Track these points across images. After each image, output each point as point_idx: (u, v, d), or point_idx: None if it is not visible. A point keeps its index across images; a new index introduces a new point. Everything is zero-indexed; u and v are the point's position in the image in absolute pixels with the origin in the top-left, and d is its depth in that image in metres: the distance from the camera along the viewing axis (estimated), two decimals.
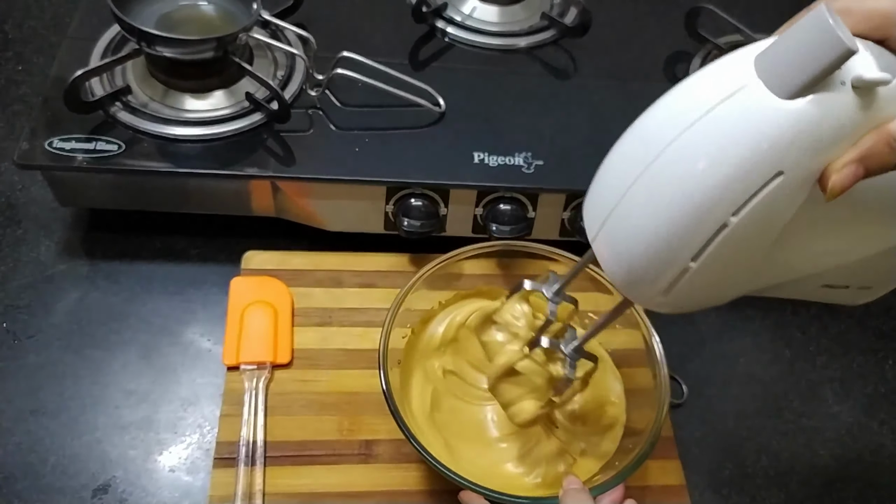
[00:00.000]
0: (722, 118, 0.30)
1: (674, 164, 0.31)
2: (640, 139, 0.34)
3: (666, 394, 0.50)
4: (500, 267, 0.58)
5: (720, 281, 0.34)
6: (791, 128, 0.29)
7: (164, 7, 0.64)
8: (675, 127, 0.31)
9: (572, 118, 0.66)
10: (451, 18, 0.73)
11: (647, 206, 0.32)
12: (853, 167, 0.30)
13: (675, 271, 0.33)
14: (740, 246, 0.32)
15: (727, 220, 0.31)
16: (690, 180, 0.31)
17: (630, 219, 0.33)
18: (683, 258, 0.32)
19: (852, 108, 0.29)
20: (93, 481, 0.52)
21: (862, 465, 0.58)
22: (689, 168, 0.31)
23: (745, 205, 0.30)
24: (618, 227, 0.34)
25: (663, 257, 0.33)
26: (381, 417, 0.54)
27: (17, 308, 0.59)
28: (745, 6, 0.78)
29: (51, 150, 0.58)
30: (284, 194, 0.61)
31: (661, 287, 0.34)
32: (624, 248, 0.34)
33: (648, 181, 0.32)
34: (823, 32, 0.28)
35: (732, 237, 0.31)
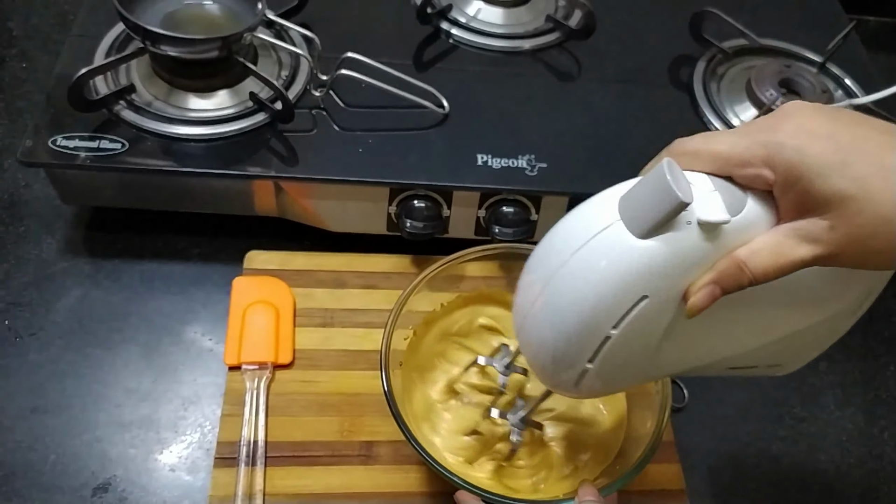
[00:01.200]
0: (593, 252, 0.35)
1: (562, 286, 0.37)
2: (540, 260, 0.39)
3: (667, 398, 0.50)
4: (502, 269, 0.58)
5: (619, 377, 0.40)
6: (647, 261, 0.34)
7: (169, 6, 0.64)
8: (562, 253, 0.37)
9: (576, 121, 0.66)
10: (456, 20, 0.73)
11: (549, 319, 0.38)
12: (709, 289, 0.34)
13: (577, 371, 0.38)
14: (626, 351, 0.37)
15: (609, 333, 0.36)
16: (576, 300, 0.36)
17: (535, 330, 0.39)
18: (582, 361, 0.38)
19: (699, 242, 0.34)
20: (93, 480, 0.52)
21: (862, 472, 0.58)
22: (574, 290, 0.36)
23: (620, 321, 0.35)
24: (528, 336, 0.40)
25: (567, 360, 0.38)
26: (381, 419, 0.54)
27: (19, 305, 0.60)
28: (750, 10, 0.78)
29: (54, 148, 0.58)
30: (287, 194, 0.61)
31: (570, 383, 0.39)
32: (536, 351, 0.40)
33: (545, 300, 0.38)
34: (663, 187, 0.33)
35: (617, 345, 0.36)
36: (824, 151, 0.32)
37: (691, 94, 0.70)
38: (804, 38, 0.76)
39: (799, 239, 0.33)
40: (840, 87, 0.73)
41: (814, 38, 0.76)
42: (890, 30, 0.95)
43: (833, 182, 0.31)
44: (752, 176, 0.34)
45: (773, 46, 0.75)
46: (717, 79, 0.73)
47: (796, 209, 0.33)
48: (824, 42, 0.74)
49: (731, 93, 0.71)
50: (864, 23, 0.92)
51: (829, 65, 0.74)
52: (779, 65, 0.72)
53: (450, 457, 0.51)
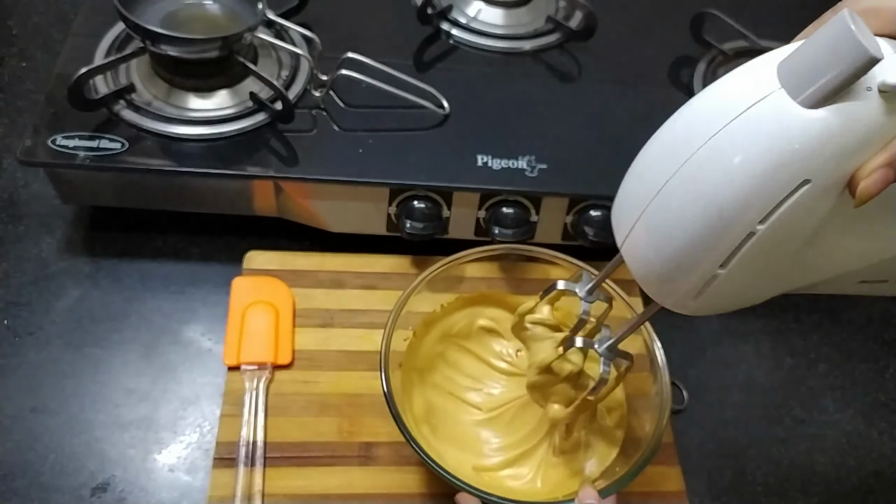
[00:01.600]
0: (746, 127, 0.30)
1: (700, 170, 0.31)
2: (668, 144, 0.33)
3: (667, 400, 0.50)
4: (502, 270, 0.58)
5: (750, 285, 0.34)
6: (816, 137, 0.29)
7: (170, 6, 0.64)
8: (700, 135, 0.31)
9: (576, 122, 0.66)
10: (456, 20, 0.73)
11: (675, 212, 0.32)
12: (882, 172, 0.29)
13: (703, 277, 0.33)
14: (768, 253, 0.32)
15: (754, 229, 0.31)
16: (716, 188, 0.31)
17: (659, 224, 0.33)
18: (712, 265, 0.32)
19: (879, 114, 0.29)
20: (91, 480, 0.52)
21: (862, 474, 0.58)
22: (715, 176, 0.31)
23: (771, 213, 0.30)
24: (646, 234, 0.34)
25: (692, 263, 0.32)
26: (381, 419, 0.54)
27: (18, 305, 0.59)
28: (751, 12, 0.78)
29: (54, 148, 0.58)
30: (287, 195, 0.61)
31: (690, 292, 0.34)
32: (653, 254, 0.34)
33: (676, 186, 0.32)
34: (846, 40, 0.27)
35: (760, 245, 0.31)
36: None
37: (691, 95, 0.70)
38: None
39: None
40: None
41: None
42: None
43: None
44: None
45: (774, 48, 0.75)
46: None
47: None
48: None
49: None
50: None
51: None
52: None
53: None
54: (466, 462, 0.52)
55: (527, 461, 0.52)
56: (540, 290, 0.50)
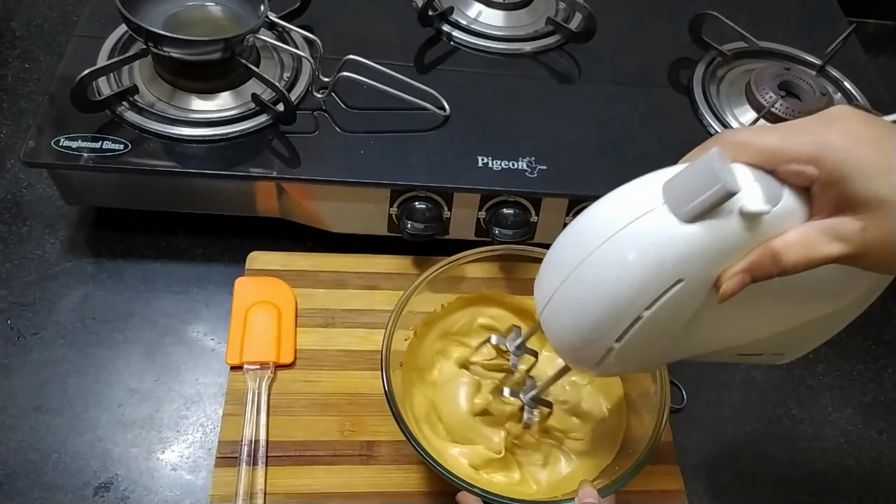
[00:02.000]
0: (634, 233, 0.37)
1: (599, 265, 0.38)
2: (573, 241, 0.40)
3: (666, 399, 0.50)
4: (502, 271, 0.59)
5: (641, 357, 0.41)
6: (688, 246, 0.35)
7: (172, 7, 0.64)
8: (600, 236, 0.38)
9: (576, 123, 0.67)
10: (457, 22, 0.74)
11: (579, 296, 0.39)
12: (741, 276, 0.36)
13: (602, 349, 0.39)
14: (654, 332, 0.38)
15: (641, 314, 0.37)
16: (611, 280, 0.37)
17: (567, 305, 0.40)
18: (609, 340, 0.39)
19: (739, 230, 0.35)
20: (95, 479, 0.52)
21: (860, 473, 0.59)
22: (610, 271, 0.37)
23: (654, 303, 0.37)
24: (557, 311, 0.40)
25: (593, 338, 0.39)
26: (382, 419, 0.54)
27: (22, 306, 0.60)
28: (750, 13, 0.79)
29: (57, 149, 0.58)
30: (289, 195, 0.62)
31: (593, 359, 0.40)
32: (562, 328, 0.41)
33: (580, 275, 0.38)
34: (710, 176, 0.34)
35: (646, 326, 0.37)
36: (870, 156, 0.33)
37: (691, 97, 0.71)
38: (803, 41, 0.77)
39: (830, 236, 0.34)
40: (839, 89, 0.74)
41: (813, 41, 0.77)
42: (889, 33, 0.95)
43: (874, 185, 0.33)
44: (795, 171, 0.35)
45: (773, 49, 0.76)
46: (716, 81, 0.73)
47: (832, 207, 0.35)
48: (824, 45, 0.74)
49: (731, 95, 0.72)
50: (864, 26, 0.93)
51: (828, 67, 0.74)
52: (778, 68, 0.72)
53: (455, 447, 0.52)
54: (466, 461, 0.52)
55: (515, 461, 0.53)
56: None
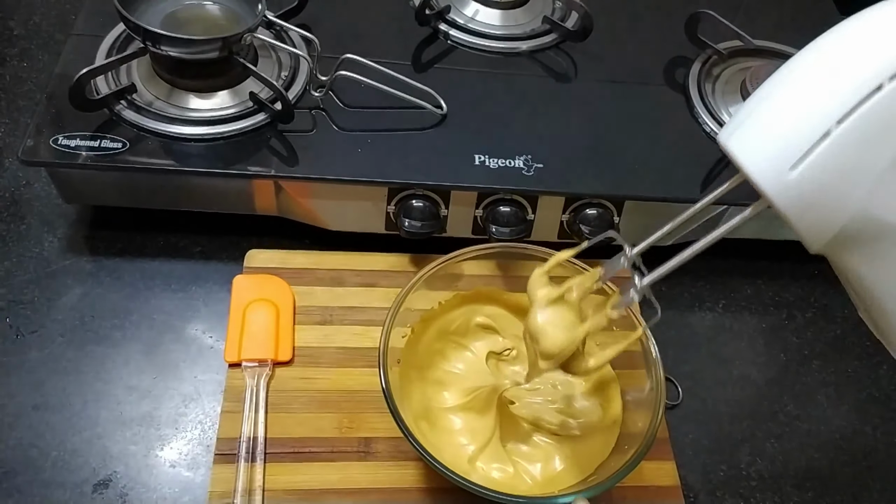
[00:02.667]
0: None
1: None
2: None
3: (662, 395, 0.50)
4: (499, 268, 0.59)
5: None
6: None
7: (170, 6, 0.64)
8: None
9: (573, 122, 0.67)
10: (454, 21, 0.74)
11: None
12: None
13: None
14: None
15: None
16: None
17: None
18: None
19: None
20: (94, 476, 0.52)
21: (855, 469, 0.59)
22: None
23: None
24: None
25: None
26: (380, 415, 0.54)
27: (20, 303, 0.60)
28: (745, 12, 0.79)
29: (55, 147, 0.58)
30: (287, 194, 0.62)
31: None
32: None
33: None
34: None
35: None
36: None
37: (686, 95, 0.71)
38: (799, 40, 0.76)
39: None
40: None
41: (808, 40, 0.76)
42: None
43: None
44: None
45: (768, 48, 0.76)
46: (712, 79, 0.73)
47: None
48: None
49: (726, 94, 0.72)
50: None
51: None
52: (773, 66, 0.71)
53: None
54: (463, 457, 0.52)
55: (510, 457, 0.53)
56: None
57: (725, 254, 0.69)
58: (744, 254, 0.70)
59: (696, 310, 0.67)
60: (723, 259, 0.69)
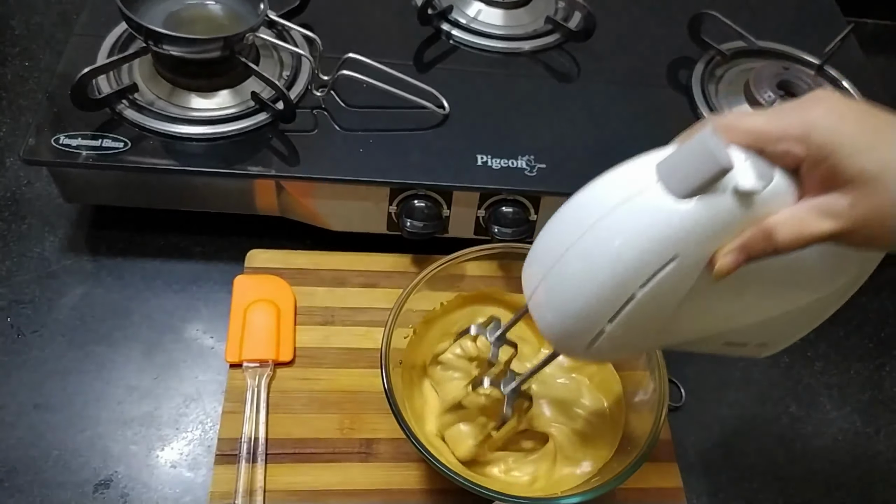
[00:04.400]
0: (630, 212, 0.37)
1: (593, 244, 0.38)
2: (567, 220, 0.40)
3: (664, 397, 0.50)
4: (501, 269, 0.59)
5: (631, 340, 0.41)
6: (682, 223, 0.36)
7: (172, 6, 0.64)
8: (593, 215, 0.38)
9: (575, 122, 0.67)
10: (456, 21, 0.74)
11: (573, 276, 0.39)
12: (735, 254, 0.36)
13: (594, 331, 0.39)
14: (646, 313, 0.38)
15: (635, 293, 0.37)
16: (606, 258, 0.37)
17: (558, 286, 0.39)
18: (602, 321, 0.38)
19: (733, 208, 0.35)
20: (94, 476, 0.52)
21: (858, 472, 0.59)
22: (606, 249, 0.37)
23: (648, 281, 0.37)
24: (548, 293, 0.40)
25: (586, 319, 0.39)
26: (381, 416, 0.54)
27: (21, 303, 0.60)
28: (749, 13, 0.79)
29: (57, 147, 0.58)
30: (288, 194, 0.62)
31: (583, 344, 0.40)
32: (554, 310, 0.40)
33: (573, 256, 0.38)
34: (705, 153, 0.34)
35: (640, 306, 0.37)
36: (854, 132, 0.34)
37: (689, 96, 0.71)
38: (802, 41, 0.77)
39: (821, 213, 0.35)
40: (838, 89, 0.74)
41: (812, 41, 0.77)
42: (888, 32, 0.96)
43: (860, 161, 0.33)
44: (783, 151, 0.36)
45: (772, 49, 0.76)
46: (715, 80, 0.73)
47: (821, 185, 0.35)
48: (822, 44, 0.74)
49: (730, 94, 0.72)
50: (862, 25, 0.93)
51: (826, 67, 0.74)
52: (777, 67, 0.72)
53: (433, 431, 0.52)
54: None
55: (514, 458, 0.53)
56: None
57: None
58: None
59: None
60: None
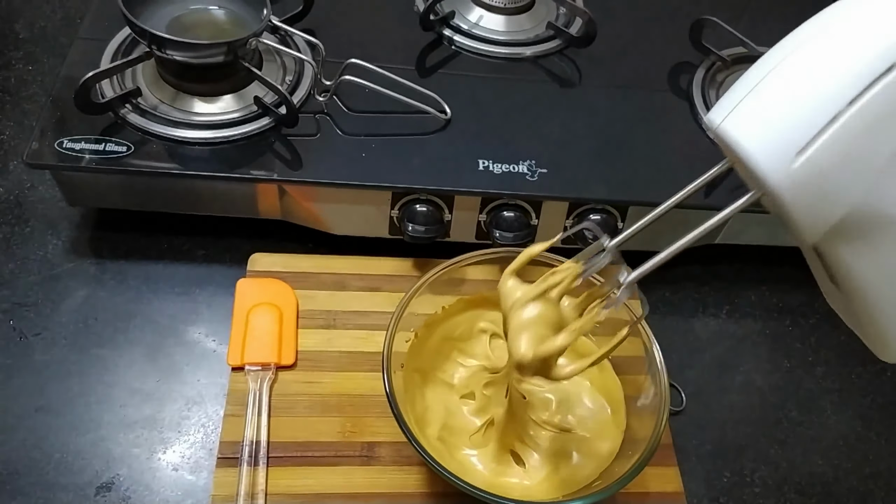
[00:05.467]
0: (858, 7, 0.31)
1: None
2: (785, 40, 0.33)
3: (665, 401, 0.50)
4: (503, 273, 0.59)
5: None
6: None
7: (175, 11, 0.64)
8: (817, 26, 0.32)
9: (576, 127, 0.67)
10: (458, 27, 0.74)
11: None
12: None
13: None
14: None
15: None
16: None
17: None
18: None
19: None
20: (96, 479, 0.52)
21: (859, 476, 0.59)
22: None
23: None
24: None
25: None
26: (383, 420, 0.54)
27: (24, 306, 0.60)
28: (750, 19, 0.79)
29: (60, 151, 0.58)
30: (291, 198, 0.62)
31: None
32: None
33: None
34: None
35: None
36: None
37: (690, 101, 0.71)
38: None
39: None
40: None
41: None
42: None
43: None
44: None
45: None
46: (716, 86, 0.73)
47: None
48: None
49: None
50: None
51: None
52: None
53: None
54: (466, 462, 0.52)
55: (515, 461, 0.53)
56: None
57: (729, 260, 0.69)
58: (748, 260, 0.69)
59: (700, 315, 0.67)
60: (727, 265, 0.69)
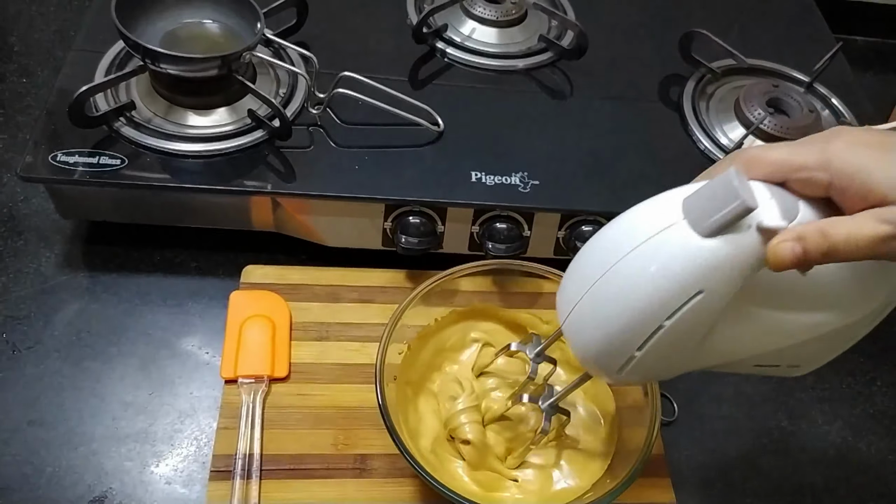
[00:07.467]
0: (657, 246, 0.38)
1: (622, 276, 0.39)
2: (598, 251, 0.41)
3: (657, 412, 0.50)
4: (495, 285, 0.59)
5: (660, 366, 0.42)
6: (707, 259, 0.37)
7: (169, 25, 0.65)
8: (623, 248, 0.39)
9: (568, 139, 0.68)
10: (451, 39, 0.75)
11: (603, 306, 0.40)
12: (793, 243, 0.35)
13: (624, 358, 0.40)
14: (674, 342, 0.39)
15: (662, 324, 0.38)
16: (634, 290, 0.38)
17: (591, 314, 0.41)
18: (630, 349, 0.40)
19: (756, 245, 0.36)
20: (89, 493, 0.52)
21: (850, 486, 0.59)
22: (633, 281, 0.38)
23: (674, 313, 0.38)
24: (581, 320, 0.41)
25: (616, 346, 0.40)
26: (375, 432, 0.54)
27: (17, 319, 0.60)
28: (739, 31, 0.80)
29: (54, 164, 0.58)
30: (284, 210, 0.62)
31: (614, 368, 0.41)
32: (586, 336, 0.42)
33: (604, 285, 0.40)
34: (730, 192, 0.35)
35: (667, 335, 0.39)
36: (876, 156, 0.35)
37: (681, 113, 0.72)
38: (791, 59, 0.78)
39: (877, 219, 0.34)
40: (827, 106, 0.75)
41: (801, 59, 0.78)
42: (876, 50, 0.97)
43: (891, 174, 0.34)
44: (806, 178, 0.37)
45: (761, 66, 0.77)
46: (706, 98, 0.74)
47: (862, 203, 0.35)
48: (811, 62, 0.75)
49: (720, 112, 0.73)
50: (851, 43, 0.94)
51: (816, 84, 0.76)
52: (766, 84, 0.73)
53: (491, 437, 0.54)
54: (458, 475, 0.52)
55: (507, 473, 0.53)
56: (532, 304, 0.54)
57: None
58: None
59: None
60: None
